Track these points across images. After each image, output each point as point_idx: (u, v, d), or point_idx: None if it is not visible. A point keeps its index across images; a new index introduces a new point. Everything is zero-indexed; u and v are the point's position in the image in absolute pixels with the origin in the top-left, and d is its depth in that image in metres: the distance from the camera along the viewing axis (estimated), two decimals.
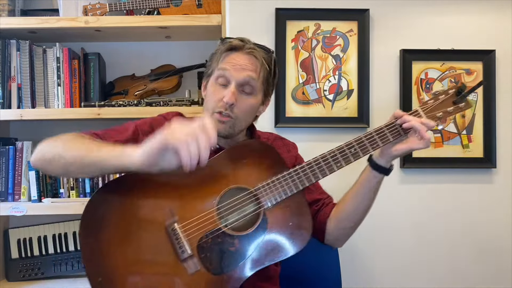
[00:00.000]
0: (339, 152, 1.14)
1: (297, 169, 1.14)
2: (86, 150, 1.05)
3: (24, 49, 1.78)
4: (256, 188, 1.12)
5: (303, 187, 1.13)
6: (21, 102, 1.79)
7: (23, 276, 1.81)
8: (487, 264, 1.89)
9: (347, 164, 1.14)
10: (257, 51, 1.19)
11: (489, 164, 1.88)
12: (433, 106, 1.17)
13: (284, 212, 1.13)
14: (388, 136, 1.14)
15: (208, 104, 1.20)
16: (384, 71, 1.90)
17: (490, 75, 1.88)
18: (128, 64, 1.98)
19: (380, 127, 1.16)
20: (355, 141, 1.15)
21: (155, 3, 1.79)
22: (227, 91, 1.16)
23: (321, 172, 1.14)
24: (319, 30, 1.89)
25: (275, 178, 1.13)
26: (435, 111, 1.17)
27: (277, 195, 1.12)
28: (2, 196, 1.77)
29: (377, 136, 1.15)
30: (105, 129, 1.21)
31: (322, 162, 1.14)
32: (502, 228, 1.89)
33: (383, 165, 1.17)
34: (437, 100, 1.18)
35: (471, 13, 1.90)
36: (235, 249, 1.09)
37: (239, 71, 1.16)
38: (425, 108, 1.18)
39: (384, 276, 1.90)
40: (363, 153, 1.14)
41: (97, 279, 1.07)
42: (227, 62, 1.18)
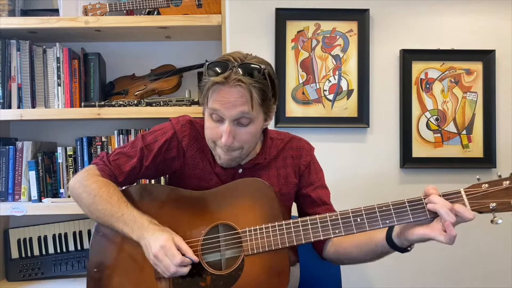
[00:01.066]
0: (341, 218, 1.03)
1: (289, 223, 1.07)
2: (108, 216, 1.15)
3: (24, 49, 1.79)
4: (243, 231, 1.10)
5: (290, 245, 1.06)
6: (21, 102, 1.79)
7: (23, 276, 1.81)
8: (487, 264, 1.89)
9: (347, 234, 1.02)
10: (243, 82, 1.07)
11: (489, 164, 1.88)
12: (487, 192, 0.92)
13: (263, 265, 1.08)
14: (407, 214, 0.96)
15: (208, 138, 1.18)
16: (384, 71, 1.90)
17: (490, 75, 1.88)
18: (128, 64, 1.98)
19: (403, 201, 0.98)
20: (366, 209, 1.01)
21: (155, 3, 1.79)
22: (223, 130, 1.12)
23: (314, 235, 1.04)
24: (319, 30, 1.89)
25: (264, 226, 1.08)
26: (488, 199, 0.92)
27: (260, 245, 1.07)
28: (2, 196, 1.77)
29: (394, 211, 0.98)
30: (116, 152, 1.25)
31: (319, 224, 1.05)
32: (502, 228, 1.89)
33: (397, 243, 1.04)
34: (496, 185, 0.92)
35: (471, 13, 1.90)
36: (205, 286, 1.10)
37: (230, 108, 1.09)
38: (472, 192, 0.94)
39: (384, 276, 1.90)
40: (370, 226, 1.00)
41: (93, 270, 1.21)
42: (216, 100, 1.10)
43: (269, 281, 1.07)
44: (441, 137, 1.89)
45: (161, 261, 1.05)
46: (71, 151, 1.82)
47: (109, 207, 1.14)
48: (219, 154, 1.17)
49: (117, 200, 1.16)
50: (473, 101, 1.89)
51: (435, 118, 1.89)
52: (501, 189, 0.91)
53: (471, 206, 0.93)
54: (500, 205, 0.91)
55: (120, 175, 1.23)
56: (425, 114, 1.89)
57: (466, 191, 0.94)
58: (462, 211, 0.92)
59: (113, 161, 1.23)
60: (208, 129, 1.16)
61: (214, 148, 1.17)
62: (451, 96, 1.89)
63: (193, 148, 1.25)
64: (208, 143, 1.19)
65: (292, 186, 1.27)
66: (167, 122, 1.28)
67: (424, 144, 1.88)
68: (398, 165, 1.88)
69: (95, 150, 1.81)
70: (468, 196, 0.94)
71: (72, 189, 1.23)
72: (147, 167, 1.23)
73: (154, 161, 1.24)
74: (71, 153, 1.82)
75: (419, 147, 1.88)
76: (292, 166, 1.27)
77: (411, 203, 0.97)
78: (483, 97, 1.89)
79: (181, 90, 1.96)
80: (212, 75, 1.10)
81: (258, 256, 1.07)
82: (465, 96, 1.89)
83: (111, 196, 1.16)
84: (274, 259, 1.07)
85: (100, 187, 1.17)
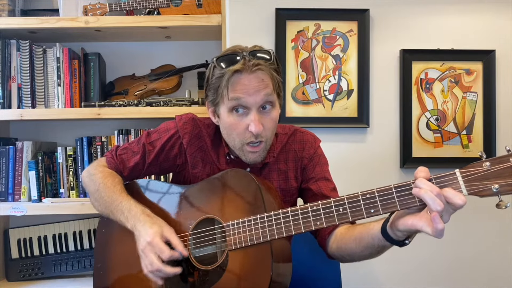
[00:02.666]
0: (323, 209, 0.95)
1: (270, 216, 1.01)
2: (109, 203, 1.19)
3: (24, 49, 1.79)
4: (227, 225, 1.07)
5: (271, 239, 1.01)
6: (21, 102, 1.79)
7: (23, 276, 1.81)
8: (487, 264, 1.89)
9: (329, 225, 0.94)
10: (261, 65, 1.08)
11: None
12: (488, 172, 0.76)
13: (246, 261, 1.04)
14: (394, 202, 0.86)
15: (233, 138, 1.13)
16: (384, 71, 1.90)
17: (490, 75, 1.88)
18: (128, 64, 1.98)
19: (389, 187, 0.87)
20: (349, 198, 0.92)
21: (155, 3, 1.79)
22: (250, 120, 1.09)
23: (295, 227, 0.98)
24: (319, 30, 1.89)
25: (246, 219, 1.04)
26: (490, 180, 0.76)
27: (243, 239, 1.03)
28: (2, 196, 1.77)
29: (380, 198, 0.87)
30: (124, 147, 1.30)
31: (300, 215, 0.98)
32: (502, 228, 1.89)
33: (390, 235, 0.92)
34: (501, 163, 0.76)
35: (471, 13, 1.90)
36: (193, 281, 1.11)
37: (255, 94, 1.07)
38: (470, 173, 0.78)
39: (384, 276, 1.90)
40: (353, 216, 0.90)
41: (98, 265, 1.26)
42: (238, 89, 1.07)
43: (252, 276, 1.03)
44: (441, 137, 1.89)
45: (146, 256, 1.05)
46: (71, 151, 1.82)
47: (111, 194, 1.18)
48: (245, 153, 1.14)
49: (120, 189, 1.19)
50: (473, 101, 1.89)
51: (435, 118, 1.89)
52: (507, 167, 0.75)
53: (468, 189, 0.79)
54: (504, 186, 0.75)
55: (125, 170, 1.26)
56: (425, 114, 1.89)
57: (463, 172, 0.79)
58: (451, 196, 0.78)
59: (119, 155, 1.27)
60: (232, 126, 1.12)
61: (241, 148, 1.13)
62: (451, 96, 1.89)
63: (193, 146, 1.24)
64: (234, 143, 1.14)
65: (293, 180, 1.24)
66: (172, 120, 1.28)
67: (424, 144, 1.88)
68: (398, 165, 1.88)
69: (95, 150, 1.81)
70: (465, 177, 0.79)
71: (83, 178, 1.30)
72: (149, 164, 1.25)
73: (156, 158, 1.25)
74: (71, 153, 1.82)
75: (419, 147, 1.88)
76: (294, 160, 1.25)
77: (397, 189, 0.86)
78: (483, 97, 1.89)
79: (181, 90, 1.96)
80: (226, 67, 1.08)
81: (241, 250, 1.04)
82: (465, 96, 1.89)
83: (114, 185, 1.20)
84: (256, 254, 1.03)
85: (106, 176, 1.22)
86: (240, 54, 1.09)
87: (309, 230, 0.97)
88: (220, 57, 1.12)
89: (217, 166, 1.23)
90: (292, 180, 1.24)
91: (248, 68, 1.07)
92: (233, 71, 1.07)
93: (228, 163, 1.22)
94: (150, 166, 1.26)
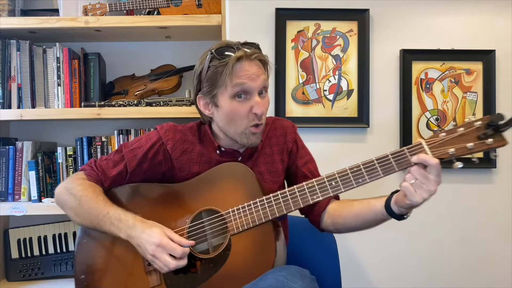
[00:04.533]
0: (317, 184, 1.10)
1: (270, 197, 1.12)
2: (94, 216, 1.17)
3: (24, 49, 1.78)
4: (226, 212, 1.14)
5: (273, 217, 1.11)
6: (21, 102, 1.79)
7: (23, 276, 1.81)
8: (487, 264, 1.89)
9: (325, 198, 1.09)
10: (258, 53, 1.17)
11: (489, 164, 1.88)
12: (444, 140, 0.99)
13: (249, 241, 1.12)
14: (377, 171, 1.05)
15: (236, 124, 1.18)
16: (384, 71, 1.90)
17: (490, 75, 1.88)
18: (128, 64, 1.98)
19: (372, 159, 1.06)
20: (339, 172, 1.08)
21: (155, 3, 1.79)
22: (254, 103, 1.16)
23: (294, 204, 1.11)
24: (319, 30, 1.89)
25: (246, 204, 1.13)
26: (447, 146, 0.99)
27: (244, 222, 1.12)
28: (2, 196, 1.77)
29: (365, 170, 1.06)
30: (103, 158, 1.28)
31: (297, 193, 1.11)
32: (502, 228, 1.89)
33: (395, 211, 1.09)
34: (453, 132, 0.99)
35: (471, 13, 1.90)
36: (196, 271, 1.13)
37: (256, 80, 1.15)
38: (432, 142, 1.01)
39: (384, 276, 1.90)
40: (344, 187, 1.07)
41: (80, 277, 1.22)
42: (241, 75, 1.14)
43: (256, 255, 1.10)
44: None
45: (159, 258, 1.07)
46: (71, 151, 1.82)
47: (95, 206, 1.16)
48: (248, 136, 1.19)
49: (103, 199, 1.18)
50: (473, 101, 1.89)
51: (435, 118, 1.89)
52: (457, 136, 0.98)
53: (433, 153, 0.99)
54: (458, 150, 0.97)
55: (106, 180, 1.24)
56: (425, 114, 1.89)
57: (427, 142, 1.00)
58: (427, 159, 0.98)
59: (100, 166, 1.25)
60: (235, 111, 1.16)
61: (244, 132, 1.19)
62: (451, 96, 1.89)
63: (178, 150, 1.26)
64: (235, 128, 1.19)
65: (279, 163, 1.30)
66: (153, 130, 1.32)
67: None
68: None
69: (95, 150, 1.81)
70: (429, 145, 1.00)
71: (57, 195, 1.24)
72: (132, 173, 1.25)
73: (139, 166, 1.25)
74: (71, 153, 1.82)
75: None
76: (278, 144, 1.31)
77: (379, 160, 1.05)
78: (483, 97, 1.89)
79: (181, 90, 1.96)
80: (228, 55, 1.14)
81: (244, 233, 1.11)
82: (465, 96, 1.89)
83: (97, 196, 1.18)
84: (259, 234, 1.11)
85: (86, 188, 1.19)
86: (234, 45, 1.16)
87: (307, 204, 1.10)
88: (218, 48, 1.16)
89: (208, 162, 1.26)
90: (278, 163, 1.30)
91: (248, 56, 1.14)
92: (237, 57, 1.13)
93: (220, 156, 1.26)
94: (132, 175, 1.26)
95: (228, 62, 1.13)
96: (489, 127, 0.95)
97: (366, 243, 1.88)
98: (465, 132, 0.97)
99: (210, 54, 1.16)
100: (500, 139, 0.95)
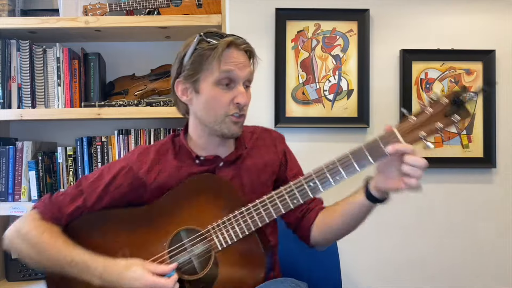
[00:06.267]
0: (296, 188, 1.05)
1: (249, 208, 1.07)
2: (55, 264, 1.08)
3: (24, 49, 1.79)
4: (206, 230, 1.08)
5: (256, 228, 1.06)
6: (21, 102, 1.79)
7: (23, 276, 1.81)
8: (487, 264, 1.89)
9: (305, 200, 1.05)
10: (248, 45, 1.14)
11: (489, 164, 1.88)
12: (416, 124, 0.98)
13: (236, 255, 1.07)
14: (353, 166, 1.01)
15: (216, 111, 1.12)
16: (384, 71, 1.90)
17: (490, 75, 1.88)
18: (128, 64, 1.98)
19: (346, 154, 1.03)
20: (315, 172, 1.04)
21: (155, 3, 1.79)
22: (238, 92, 1.11)
23: (275, 211, 1.05)
24: (319, 30, 1.89)
25: (226, 218, 1.07)
26: (418, 129, 0.98)
27: (227, 238, 1.06)
28: (2, 196, 1.77)
29: (340, 166, 1.02)
30: (60, 194, 1.17)
31: (277, 199, 1.06)
32: (502, 228, 1.89)
33: (377, 197, 1.06)
34: (423, 114, 0.98)
35: (471, 13, 1.90)
36: None
37: (243, 69, 1.11)
38: (402, 127, 0.99)
39: (384, 276, 1.90)
40: (323, 186, 1.03)
41: None
42: (229, 62, 1.09)
43: (246, 266, 1.06)
44: (441, 137, 1.89)
45: None
46: (71, 151, 1.82)
47: (55, 254, 1.07)
48: (228, 125, 1.12)
49: (63, 243, 1.08)
50: (473, 101, 1.89)
51: None
52: (427, 118, 0.97)
53: (405, 140, 0.98)
54: (428, 131, 0.97)
55: (62, 218, 1.14)
56: None
57: (398, 128, 0.99)
58: (402, 148, 0.96)
59: (55, 203, 1.15)
60: (217, 98, 1.10)
61: (223, 120, 1.12)
62: None
63: (154, 172, 1.17)
64: (215, 117, 1.12)
65: (269, 174, 1.23)
66: (121, 158, 1.24)
67: None
68: None
69: (95, 150, 1.81)
70: (401, 132, 0.98)
71: (9, 240, 1.12)
72: (92, 207, 1.15)
73: (100, 201, 1.16)
74: (71, 153, 1.82)
75: None
76: (268, 154, 1.25)
77: (353, 155, 1.02)
78: (483, 97, 1.89)
79: None
80: (217, 40, 1.09)
81: (229, 248, 1.06)
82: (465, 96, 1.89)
83: (55, 240, 1.08)
84: (245, 245, 1.07)
85: (41, 232, 1.09)
86: (224, 34, 1.12)
87: (289, 209, 1.05)
88: (207, 32, 1.12)
89: (187, 176, 1.17)
90: (266, 173, 1.23)
91: (238, 44, 1.11)
92: (227, 42, 1.08)
93: (200, 165, 1.18)
94: (92, 209, 1.15)
95: (217, 46, 1.08)
96: (455, 102, 0.95)
97: (366, 243, 1.88)
98: (434, 112, 0.96)
99: (198, 37, 1.11)
100: (465, 113, 0.96)
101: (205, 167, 1.18)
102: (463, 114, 0.96)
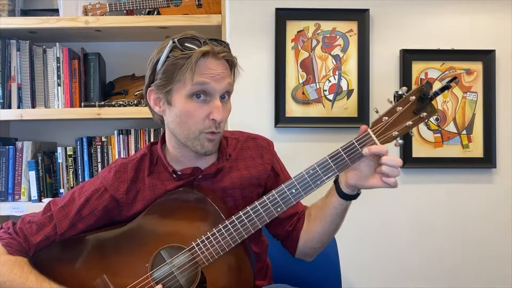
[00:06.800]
0: (279, 196, 1.03)
1: (233, 220, 1.03)
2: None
3: (24, 49, 1.79)
4: (191, 247, 1.04)
5: (241, 239, 1.03)
6: (21, 102, 1.79)
7: None
8: (487, 264, 1.89)
9: (288, 207, 1.04)
10: (227, 53, 1.05)
11: (489, 164, 1.88)
12: (388, 123, 0.99)
13: (224, 268, 1.04)
14: (333, 169, 1.02)
15: (189, 127, 1.04)
16: (384, 71, 1.90)
17: (490, 75, 1.88)
18: (128, 64, 1.98)
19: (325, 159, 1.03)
20: (297, 179, 1.03)
21: (155, 3, 1.79)
22: (214, 107, 1.02)
23: (260, 221, 1.03)
24: (319, 30, 1.89)
25: (210, 234, 1.03)
26: (391, 129, 0.99)
27: (213, 252, 1.03)
28: (2, 196, 1.77)
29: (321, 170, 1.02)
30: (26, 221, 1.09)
31: (260, 209, 1.04)
32: (502, 228, 1.89)
33: (349, 193, 1.05)
34: (394, 113, 0.99)
35: (471, 13, 1.90)
36: None
37: (220, 81, 1.01)
38: (377, 129, 1.00)
39: (384, 276, 1.90)
40: (305, 193, 1.03)
41: None
42: (204, 73, 1.00)
43: (236, 279, 1.04)
44: (441, 137, 1.89)
45: None
46: (71, 151, 1.82)
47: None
48: (202, 142, 1.05)
49: (35, 279, 1.02)
50: (473, 101, 1.89)
51: (435, 118, 1.87)
52: (397, 116, 0.98)
53: (380, 140, 1.00)
54: (400, 130, 0.99)
55: (30, 249, 1.07)
56: None
57: (372, 130, 1.00)
58: (378, 150, 0.97)
59: (21, 231, 1.07)
60: (190, 113, 1.02)
61: (198, 137, 1.04)
62: (451, 96, 1.89)
63: (132, 192, 1.11)
64: (188, 132, 1.04)
65: (255, 187, 1.18)
66: (96, 176, 1.17)
67: (424, 144, 1.88)
68: None
69: (95, 150, 1.81)
70: (375, 133, 1.00)
71: None
72: (62, 234, 1.08)
73: (72, 228, 1.09)
74: (71, 153, 1.82)
75: (419, 147, 1.88)
76: (254, 167, 1.18)
77: (332, 158, 1.02)
78: (483, 97, 1.88)
79: None
80: (192, 48, 1.01)
81: (215, 262, 1.03)
82: (465, 96, 1.89)
83: (26, 276, 1.02)
84: (232, 257, 1.05)
85: (11, 269, 1.02)
86: (201, 39, 1.04)
87: (273, 218, 1.04)
88: (182, 38, 1.03)
89: (163, 191, 1.11)
90: (254, 187, 1.17)
91: (215, 53, 1.02)
92: (203, 52, 1.00)
93: (178, 180, 1.12)
94: (63, 236, 1.09)
95: (191, 56, 0.99)
96: (421, 99, 0.96)
97: (366, 243, 1.87)
98: (403, 110, 0.98)
99: (171, 43, 1.02)
100: (432, 110, 0.97)
101: (182, 182, 1.12)
102: (429, 111, 0.97)
